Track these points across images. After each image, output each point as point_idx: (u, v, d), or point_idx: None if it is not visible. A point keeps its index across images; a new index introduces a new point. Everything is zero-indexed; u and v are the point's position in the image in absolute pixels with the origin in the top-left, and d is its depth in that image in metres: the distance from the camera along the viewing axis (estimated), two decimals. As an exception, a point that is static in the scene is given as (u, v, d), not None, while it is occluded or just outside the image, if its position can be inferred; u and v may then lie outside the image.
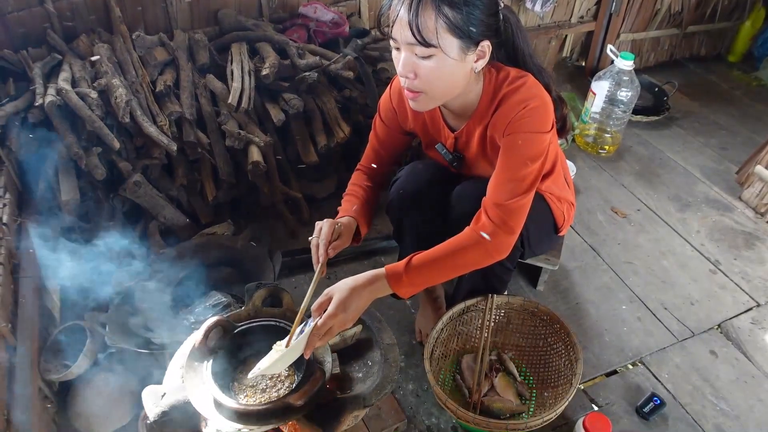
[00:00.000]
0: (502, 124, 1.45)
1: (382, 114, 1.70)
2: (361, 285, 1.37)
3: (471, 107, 1.52)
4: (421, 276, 1.42)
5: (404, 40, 1.32)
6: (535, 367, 1.88)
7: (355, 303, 1.35)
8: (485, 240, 1.43)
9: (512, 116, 1.42)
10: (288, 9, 2.57)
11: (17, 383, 1.48)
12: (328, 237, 1.47)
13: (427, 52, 1.31)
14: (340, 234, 1.52)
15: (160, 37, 2.27)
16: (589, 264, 2.35)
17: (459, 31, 1.30)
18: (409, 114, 1.65)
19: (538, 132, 1.43)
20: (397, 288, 1.41)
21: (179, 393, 1.31)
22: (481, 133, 1.53)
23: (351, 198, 1.67)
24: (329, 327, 1.31)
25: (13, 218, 1.84)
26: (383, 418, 1.69)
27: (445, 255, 1.44)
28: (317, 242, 1.47)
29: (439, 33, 1.28)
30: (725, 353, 2.02)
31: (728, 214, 2.62)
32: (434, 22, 1.27)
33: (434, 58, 1.32)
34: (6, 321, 1.54)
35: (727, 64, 3.81)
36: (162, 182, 2.17)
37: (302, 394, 1.25)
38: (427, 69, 1.34)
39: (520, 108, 1.41)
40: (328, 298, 1.34)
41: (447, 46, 1.31)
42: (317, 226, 1.50)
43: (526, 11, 3.10)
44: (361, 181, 1.73)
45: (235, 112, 2.17)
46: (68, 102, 1.91)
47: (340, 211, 1.64)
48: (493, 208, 1.44)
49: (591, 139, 2.94)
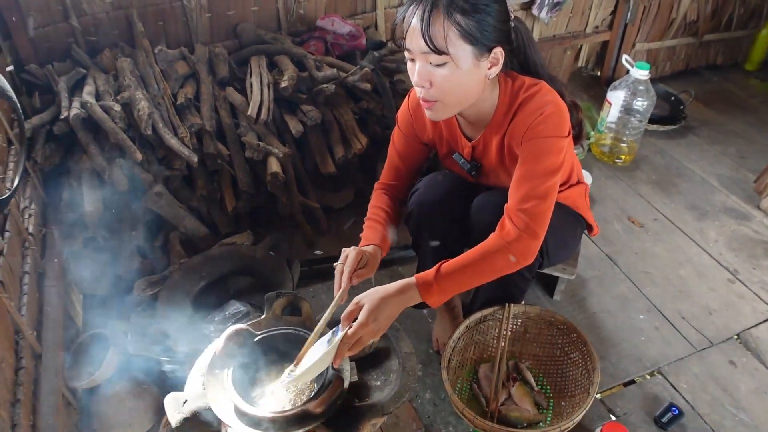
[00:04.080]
0: (520, 131, 1.46)
1: (400, 125, 1.72)
2: (391, 294, 1.37)
3: (487, 116, 1.54)
4: (451, 283, 1.42)
5: (418, 49, 1.34)
6: (552, 377, 1.88)
7: (385, 312, 1.35)
8: (510, 246, 1.44)
9: (529, 123, 1.44)
10: (306, 22, 2.61)
11: (43, 390, 1.51)
12: (353, 265, 1.46)
13: (440, 59, 1.33)
14: (366, 263, 1.51)
15: (182, 51, 2.32)
16: (606, 273, 2.34)
17: (471, 38, 1.32)
18: (427, 124, 1.67)
19: (555, 137, 1.44)
20: (428, 296, 1.41)
21: (200, 400, 1.32)
22: (499, 142, 1.55)
23: (374, 224, 1.66)
24: (359, 336, 1.31)
25: (38, 228, 1.88)
26: (401, 427, 1.70)
27: (473, 262, 1.44)
28: (342, 269, 1.46)
29: (452, 40, 1.30)
30: (744, 363, 2.01)
31: (746, 223, 2.61)
32: (446, 29, 1.29)
33: (448, 65, 1.34)
34: (32, 329, 1.58)
35: (743, 73, 3.80)
36: (183, 193, 2.21)
37: (321, 401, 1.27)
38: (441, 77, 1.36)
39: (537, 115, 1.43)
40: (357, 307, 1.34)
41: (460, 53, 1.33)
42: (343, 253, 1.49)
43: (539, 21, 3.11)
44: (382, 202, 1.72)
45: (254, 123, 2.21)
46: (92, 115, 1.96)
47: (363, 239, 1.62)
48: (517, 213, 1.45)
49: (607, 148, 2.94)
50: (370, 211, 1.71)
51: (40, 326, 1.66)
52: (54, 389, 1.53)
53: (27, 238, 1.77)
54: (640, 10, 3.25)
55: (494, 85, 1.49)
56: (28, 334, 1.52)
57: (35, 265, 1.75)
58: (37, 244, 1.82)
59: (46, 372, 1.55)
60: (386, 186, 1.77)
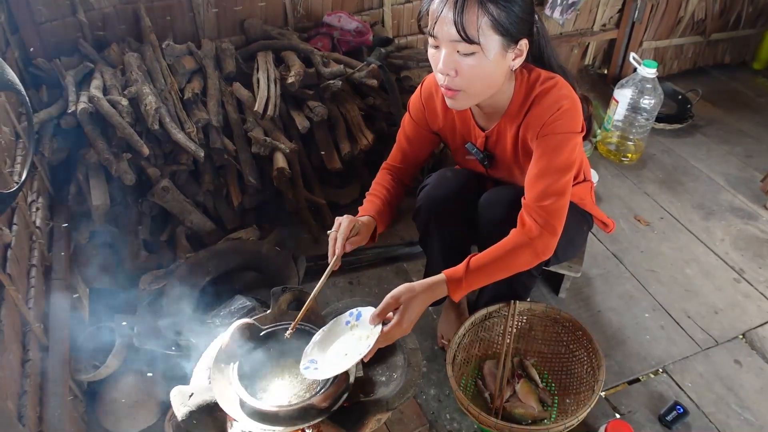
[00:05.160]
0: (536, 125, 1.46)
1: (411, 112, 1.72)
2: (422, 292, 1.40)
3: (502, 107, 1.53)
4: (478, 278, 1.46)
5: (447, 37, 1.32)
6: (557, 374, 1.88)
7: (416, 310, 1.39)
8: (533, 242, 1.46)
9: (546, 118, 1.44)
10: (313, 18, 2.61)
11: (49, 382, 1.51)
12: (347, 233, 1.50)
13: (470, 49, 1.32)
14: (359, 231, 1.54)
15: (189, 46, 2.32)
16: (612, 272, 2.34)
17: (502, 29, 1.31)
18: (439, 113, 1.66)
19: (571, 132, 1.45)
20: (455, 291, 1.45)
21: (206, 393, 1.33)
22: (514, 133, 1.55)
23: (373, 198, 1.69)
24: (392, 336, 1.35)
25: (45, 222, 1.89)
26: (405, 422, 1.70)
27: (499, 258, 1.47)
28: (335, 236, 1.50)
29: (483, 30, 1.30)
30: (750, 362, 2.01)
31: (753, 222, 2.60)
32: (479, 18, 1.28)
33: (476, 55, 1.33)
34: (39, 321, 1.58)
35: (751, 72, 3.78)
36: (189, 188, 2.22)
37: (327, 396, 1.27)
38: (468, 66, 1.35)
39: (554, 110, 1.43)
40: (394, 303, 1.37)
41: (489, 43, 1.32)
42: (337, 221, 1.53)
43: (547, 19, 3.10)
44: (385, 180, 1.75)
45: (260, 119, 2.21)
46: (100, 109, 1.97)
47: (361, 210, 1.66)
48: (536, 210, 1.47)
49: (613, 146, 2.94)
50: (372, 187, 1.74)
51: (46, 319, 1.66)
52: (60, 381, 1.54)
53: (34, 231, 1.77)
54: (648, 9, 3.24)
55: (511, 76, 1.49)
56: (35, 326, 1.52)
57: (42, 259, 1.76)
58: (44, 237, 1.83)
59: (52, 364, 1.56)
60: (392, 167, 1.79)
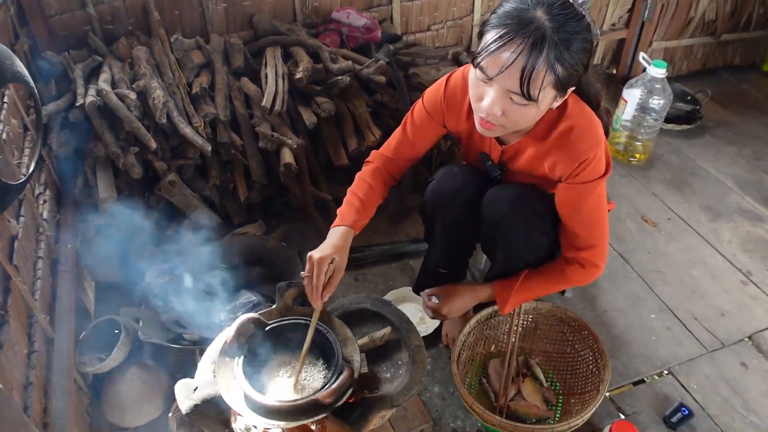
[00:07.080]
0: (561, 171, 1.47)
1: (427, 105, 1.65)
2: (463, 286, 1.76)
3: (528, 127, 1.49)
4: (522, 299, 1.67)
5: (506, 86, 1.27)
6: (561, 374, 1.87)
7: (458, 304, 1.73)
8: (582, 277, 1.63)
9: (572, 168, 1.44)
10: (321, 14, 2.61)
11: (54, 374, 1.52)
12: (321, 283, 1.41)
13: (524, 101, 1.28)
14: (335, 269, 1.46)
15: (197, 41, 2.32)
16: (618, 272, 2.33)
17: (561, 86, 1.29)
18: (461, 117, 1.61)
19: (599, 179, 1.47)
20: (502, 305, 1.67)
21: (211, 387, 1.33)
22: (534, 154, 1.52)
23: (352, 199, 1.63)
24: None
25: (52, 214, 1.90)
26: (409, 420, 1.70)
27: (549, 286, 1.67)
28: (310, 283, 1.42)
29: (545, 88, 1.26)
30: (756, 365, 2.00)
31: (761, 224, 2.58)
32: (544, 81, 1.25)
33: (528, 105, 1.30)
34: (45, 313, 1.59)
35: (761, 74, 3.76)
36: (196, 182, 2.22)
37: (331, 392, 1.27)
38: (516, 112, 1.32)
39: (581, 160, 1.42)
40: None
41: (545, 98, 1.30)
42: (309, 261, 1.43)
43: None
44: (369, 175, 1.68)
45: (268, 114, 2.21)
46: (108, 102, 1.97)
47: (338, 215, 1.60)
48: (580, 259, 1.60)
49: (622, 147, 2.93)
50: (356, 182, 1.68)
51: (52, 311, 1.67)
52: (66, 373, 1.54)
53: (41, 223, 1.78)
54: (658, 8, 3.22)
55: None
56: (40, 318, 1.53)
57: (49, 251, 1.76)
58: (50, 229, 1.83)
59: (58, 356, 1.57)
60: (383, 157, 1.73)
